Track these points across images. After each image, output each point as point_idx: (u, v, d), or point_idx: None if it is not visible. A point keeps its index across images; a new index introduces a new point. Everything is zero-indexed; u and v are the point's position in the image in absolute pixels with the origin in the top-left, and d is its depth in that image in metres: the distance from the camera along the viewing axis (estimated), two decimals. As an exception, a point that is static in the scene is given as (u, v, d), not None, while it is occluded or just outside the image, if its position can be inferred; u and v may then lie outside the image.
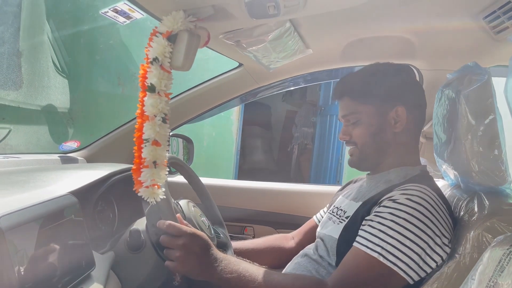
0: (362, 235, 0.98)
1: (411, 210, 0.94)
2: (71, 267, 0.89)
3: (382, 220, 0.96)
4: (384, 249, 0.92)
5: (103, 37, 3.78)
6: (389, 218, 0.95)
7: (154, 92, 0.86)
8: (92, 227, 1.20)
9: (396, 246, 0.92)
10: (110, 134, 1.76)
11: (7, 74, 2.70)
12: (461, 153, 1.02)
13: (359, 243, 0.97)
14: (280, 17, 0.94)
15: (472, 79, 1.01)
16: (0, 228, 0.72)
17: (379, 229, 0.95)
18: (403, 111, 1.14)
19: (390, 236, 0.92)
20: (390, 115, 1.14)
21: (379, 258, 0.92)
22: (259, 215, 1.88)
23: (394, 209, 0.95)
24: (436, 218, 0.94)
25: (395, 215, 0.94)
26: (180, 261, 0.97)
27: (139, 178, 0.89)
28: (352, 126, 1.16)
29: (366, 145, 1.15)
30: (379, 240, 0.93)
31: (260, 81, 1.71)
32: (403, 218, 0.93)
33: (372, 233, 0.95)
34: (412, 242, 0.91)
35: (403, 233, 0.92)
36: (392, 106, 1.14)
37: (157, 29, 0.87)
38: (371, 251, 0.93)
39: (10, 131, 2.58)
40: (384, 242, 0.92)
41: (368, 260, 0.93)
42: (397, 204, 0.96)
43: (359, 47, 1.42)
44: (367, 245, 0.95)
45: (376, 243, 0.93)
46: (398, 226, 0.93)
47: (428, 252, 0.92)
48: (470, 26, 1.17)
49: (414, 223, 0.92)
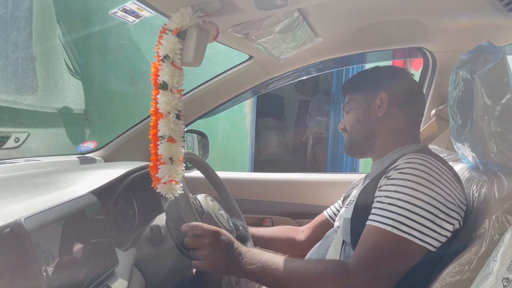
0: (374, 212, 0.99)
1: (417, 178, 0.95)
2: (95, 264, 0.92)
3: (389, 194, 0.97)
4: (396, 221, 0.93)
5: (114, 37, 3.81)
6: (396, 190, 0.96)
7: (166, 89, 0.87)
8: (113, 225, 1.23)
9: (407, 216, 0.93)
10: (126, 132, 1.78)
11: (23, 79, 2.75)
12: (478, 135, 1.01)
13: (372, 220, 0.98)
14: (288, 7, 0.94)
15: (486, 59, 0.99)
16: (26, 230, 0.74)
17: (388, 203, 0.96)
18: (385, 97, 1.20)
19: (400, 207, 0.94)
20: (375, 102, 1.21)
21: (393, 231, 0.92)
22: (276, 206, 1.89)
23: (400, 180, 0.97)
24: (443, 183, 0.95)
25: (401, 185, 0.96)
26: (208, 259, 1.00)
27: (156, 175, 0.90)
28: (346, 115, 1.28)
29: (353, 128, 1.24)
30: (389, 213, 0.94)
31: (271, 72, 1.71)
32: (410, 188, 0.94)
33: (382, 208, 0.96)
34: (422, 209, 0.92)
35: (412, 201, 0.93)
36: (377, 94, 1.21)
37: (166, 26, 0.88)
38: (383, 225, 0.94)
39: (29, 134, 2.63)
40: (395, 214, 0.94)
41: (382, 234, 0.94)
42: (402, 175, 0.97)
43: (370, 33, 1.40)
44: (379, 220, 0.96)
45: (388, 217, 0.94)
46: (406, 196, 0.94)
47: (442, 217, 0.93)
48: (482, 4, 1.15)
49: (421, 190, 0.93)
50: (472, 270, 0.89)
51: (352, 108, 1.26)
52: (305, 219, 1.85)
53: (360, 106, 1.24)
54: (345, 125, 1.28)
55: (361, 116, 1.24)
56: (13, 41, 2.65)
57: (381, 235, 0.94)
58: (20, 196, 0.91)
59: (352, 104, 1.26)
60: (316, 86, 6.67)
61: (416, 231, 0.92)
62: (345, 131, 1.29)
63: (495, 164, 1.00)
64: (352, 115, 1.25)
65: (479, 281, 0.72)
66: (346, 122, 1.27)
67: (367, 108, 1.23)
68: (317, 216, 1.53)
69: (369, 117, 1.22)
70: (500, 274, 0.67)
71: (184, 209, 1.07)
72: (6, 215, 0.77)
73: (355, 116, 1.24)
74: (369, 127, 1.23)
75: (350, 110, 1.26)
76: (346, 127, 1.28)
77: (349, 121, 1.26)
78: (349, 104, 1.27)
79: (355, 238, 1.03)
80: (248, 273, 0.99)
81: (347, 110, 1.28)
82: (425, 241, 0.92)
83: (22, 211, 0.79)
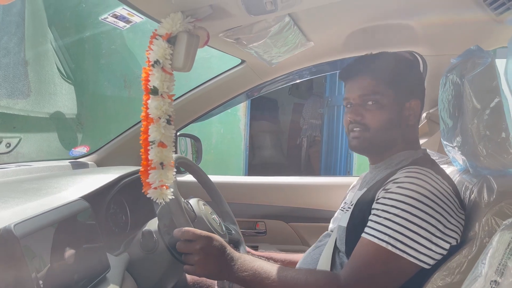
0: (370, 225, 0.97)
1: (415, 194, 0.93)
2: (86, 270, 0.91)
3: (387, 208, 0.95)
4: (392, 237, 0.92)
5: (107, 41, 3.81)
6: (394, 205, 0.94)
7: (157, 94, 0.87)
8: (106, 230, 1.23)
9: (403, 233, 0.91)
10: (119, 137, 1.78)
11: (15, 84, 2.74)
12: (468, 138, 1.02)
13: (367, 233, 0.96)
14: (278, 12, 0.95)
15: (475, 63, 1.01)
16: (15, 236, 0.73)
17: (384, 217, 0.94)
18: (417, 105, 1.13)
19: (397, 223, 0.92)
20: (406, 106, 1.12)
21: (388, 247, 0.91)
22: (270, 210, 1.89)
23: (398, 195, 0.95)
24: (442, 200, 0.93)
25: (399, 201, 0.94)
26: (200, 264, 0.99)
27: (147, 180, 0.90)
28: (369, 107, 1.10)
29: (381, 130, 1.10)
30: (385, 229, 0.93)
31: (264, 76, 1.71)
32: (408, 204, 0.92)
33: (379, 222, 0.95)
34: (419, 227, 0.91)
35: (409, 218, 0.91)
36: (409, 97, 1.12)
37: (156, 31, 0.88)
38: (378, 240, 0.93)
39: (20, 139, 2.62)
40: (391, 230, 0.92)
41: (376, 250, 0.93)
42: (401, 189, 0.95)
43: (361, 37, 1.41)
44: (374, 234, 0.94)
45: (383, 232, 0.93)
46: (403, 212, 0.92)
47: (439, 235, 0.91)
48: (471, 9, 1.16)
49: (419, 207, 0.92)
50: (462, 273, 0.90)
51: (381, 104, 1.09)
52: (298, 222, 1.86)
53: (392, 105, 1.10)
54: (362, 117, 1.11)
55: (393, 119, 1.10)
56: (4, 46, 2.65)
57: (375, 250, 0.93)
58: (10, 202, 0.90)
59: (383, 99, 1.09)
60: (310, 89, 6.69)
61: (411, 248, 0.91)
62: (360, 125, 1.12)
63: (484, 167, 1.01)
64: (382, 114, 1.09)
65: (468, 283, 0.72)
66: (371, 118, 1.10)
67: (398, 111, 1.11)
68: (310, 219, 1.52)
69: (399, 122, 1.12)
70: (489, 276, 0.68)
71: (175, 214, 1.07)
72: (-5, 221, 0.76)
73: (386, 116, 1.09)
74: (396, 134, 1.12)
75: (377, 106, 1.10)
76: (364, 122, 1.11)
77: (377, 119, 1.10)
78: (376, 98, 1.09)
79: (350, 248, 1.02)
80: (240, 279, 0.99)
81: (371, 102, 1.10)
82: (419, 259, 0.91)
83: (12, 217, 0.79)
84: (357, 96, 1.12)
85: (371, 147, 1.14)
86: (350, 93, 1.14)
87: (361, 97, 1.11)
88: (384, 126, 1.10)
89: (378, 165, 1.17)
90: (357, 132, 1.13)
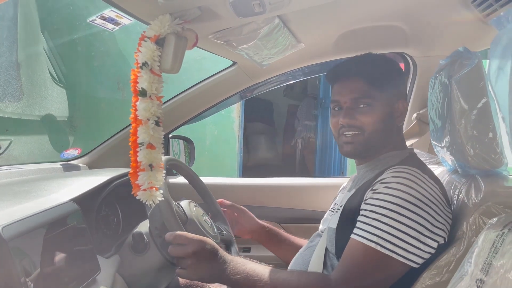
0: (358, 226, 0.98)
1: (403, 194, 0.93)
2: (76, 273, 0.91)
3: (375, 208, 0.96)
4: (380, 238, 0.92)
5: (100, 44, 3.80)
6: (381, 205, 0.95)
7: (145, 96, 0.87)
8: (97, 232, 1.22)
9: (391, 233, 0.92)
10: (110, 139, 1.77)
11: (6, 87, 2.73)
12: (456, 138, 1.03)
13: (356, 235, 0.97)
14: (267, 14, 0.95)
15: (462, 64, 1.01)
16: (3, 238, 0.73)
17: (372, 218, 0.95)
18: (405, 106, 1.15)
19: (385, 224, 0.93)
20: (395, 107, 1.13)
21: (377, 248, 0.92)
22: (262, 211, 1.88)
23: (386, 195, 0.95)
24: (428, 199, 0.94)
25: (387, 201, 0.94)
26: (192, 268, 1.00)
27: (136, 182, 0.90)
28: (361, 110, 1.09)
29: (375, 132, 1.09)
30: (374, 229, 0.93)
31: (255, 78, 1.71)
32: (396, 204, 0.93)
33: (367, 223, 0.95)
34: (407, 226, 0.91)
35: (397, 218, 0.92)
36: (398, 98, 1.13)
37: (145, 33, 0.88)
38: (367, 241, 0.93)
39: (11, 142, 2.61)
40: (379, 230, 0.93)
41: (366, 250, 0.93)
42: (388, 189, 0.96)
43: (351, 39, 1.42)
44: (363, 235, 0.95)
45: (372, 232, 0.93)
46: (391, 212, 0.93)
47: (427, 234, 0.92)
48: (459, 10, 1.18)
49: (406, 207, 0.92)
50: (450, 272, 0.91)
51: (373, 107, 1.09)
52: (292, 223, 1.86)
53: (384, 108, 1.10)
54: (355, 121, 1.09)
55: (386, 121, 1.10)
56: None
57: (365, 251, 0.94)
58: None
59: (375, 102, 1.09)
60: (304, 90, 6.71)
61: (400, 248, 0.91)
62: (354, 128, 1.10)
63: (472, 167, 1.02)
64: (376, 117, 1.09)
65: (454, 282, 0.73)
66: (364, 122, 1.09)
67: (390, 112, 1.11)
68: (304, 220, 1.53)
69: (391, 124, 1.12)
70: (474, 275, 0.69)
71: (167, 216, 1.07)
72: (-16, 224, 0.76)
73: (380, 118, 1.09)
74: (389, 135, 1.13)
75: (370, 108, 1.09)
76: (357, 125, 1.09)
77: (371, 122, 1.09)
78: (368, 100, 1.09)
79: (340, 250, 1.03)
80: (232, 282, 0.99)
81: (363, 105, 1.09)
82: (408, 259, 0.92)
83: (1, 219, 0.78)
84: (348, 99, 1.10)
85: (364, 151, 1.13)
86: (340, 96, 1.13)
87: (353, 100, 1.10)
88: (378, 128, 1.09)
89: (365, 165, 1.17)
90: (350, 137, 1.11)
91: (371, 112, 1.09)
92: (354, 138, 1.11)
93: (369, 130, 1.09)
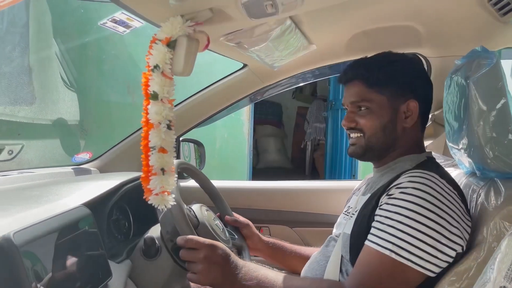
0: (373, 232, 0.95)
1: (420, 200, 0.90)
2: (88, 278, 0.90)
3: (390, 215, 0.93)
4: (396, 245, 0.89)
5: (110, 47, 3.82)
6: (397, 211, 0.91)
7: (157, 99, 0.86)
8: (108, 237, 1.22)
9: (407, 240, 0.88)
10: (121, 143, 1.77)
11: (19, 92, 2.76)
12: (474, 140, 1.00)
13: (370, 241, 0.94)
14: (279, 15, 0.93)
15: (480, 64, 0.99)
16: (14, 245, 0.72)
17: (388, 224, 0.92)
18: (415, 106, 1.10)
19: (400, 231, 0.89)
20: (401, 108, 1.10)
21: (391, 255, 0.89)
22: (274, 214, 1.87)
23: (402, 201, 0.92)
24: (447, 205, 0.91)
25: (403, 207, 0.91)
26: (203, 273, 0.98)
27: (148, 186, 0.89)
28: (361, 113, 1.10)
29: (374, 136, 1.09)
30: (389, 236, 0.90)
31: (266, 80, 1.70)
32: (412, 210, 0.90)
33: (382, 229, 0.92)
34: (424, 234, 0.88)
35: (413, 225, 0.89)
36: (405, 99, 1.10)
37: (156, 36, 0.87)
38: (382, 248, 0.90)
39: (23, 146, 2.63)
40: (395, 238, 0.89)
41: (380, 258, 0.90)
42: (404, 195, 0.93)
43: (364, 39, 1.40)
44: (377, 242, 0.92)
45: (387, 240, 0.90)
46: (407, 219, 0.90)
47: (444, 242, 0.88)
48: (475, 9, 1.15)
49: (423, 213, 0.89)
50: (470, 278, 0.88)
51: (372, 110, 1.09)
52: (303, 227, 1.84)
53: (384, 111, 1.09)
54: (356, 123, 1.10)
55: (386, 124, 1.09)
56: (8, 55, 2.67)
57: (379, 259, 0.91)
58: (11, 209, 0.90)
59: (373, 105, 1.08)
60: (314, 92, 6.70)
61: (416, 256, 0.88)
62: (356, 130, 1.11)
63: (491, 170, 0.99)
64: (374, 120, 1.09)
65: (477, 289, 0.70)
66: (364, 125, 1.10)
67: (393, 114, 1.09)
68: (315, 224, 1.51)
69: (395, 126, 1.10)
70: (497, 282, 0.66)
71: (178, 220, 1.06)
72: (-5, 229, 0.75)
73: (378, 122, 1.09)
74: (393, 137, 1.10)
75: (369, 112, 1.09)
76: (359, 127, 1.10)
77: (370, 126, 1.09)
78: (366, 104, 1.09)
79: (354, 256, 1.00)
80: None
81: (362, 109, 1.10)
82: (424, 267, 0.88)
83: (12, 225, 0.78)
84: (349, 103, 1.12)
85: (366, 153, 1.13)
86: (344, 99, 1.15)
87: (353, 103, 1.11)
88: (378, 131, 1.09)
89: (380, 168, 1.15)
90: (354, 139, 1.13)
91: (369, 115, 1.09)
92: (356, 140, 1.12)
93: (368, 133, 1.10)
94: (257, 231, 1.43)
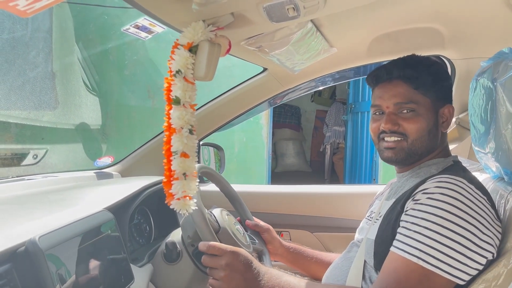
0: (399, 239, 0.92)
1: (448, 206, 0.87)
2: (110, 282, 0.91)
3: (417, 220, 0.90)
4: (423, 252, 0.86)
5: (131, 53, 3.88)
6: (424, 217, 0.89)
7: (179, 104, 0.86)
8: (130, 241, 1.23)
9: (435, 247, 0.85)
10: (143, 147, 1.79)
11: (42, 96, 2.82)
12: (502, 144, 0.97)
13: (396, 248, 0.91)
14: (300, 18, 0.93)
15: (508, 66, 0.96)
16: (40, 248, 0.73)
17: (414, 231, 0.89)
18: (451, 111, 1.09)
19: (428, 237, 0.86)
20: (440, 112, 1.08)
21: (419, 263, 0.86)
22: (294, 219, 1.86)
23: (429, 206, 0.89)
24: (476, 211, 0.87)
25: (430, 213, 0.88)
26: (225, 280, 0.98)
27: (170, 191, 0.89)
28: (405, 116, 1.05)
29: (420, 140, 1.05)
30: (416, 243, 0.88)
31: (286, 84, 1.70)
32: (439, 216, 0.87)
33: (408, 236, 0.90)
34: (452, 240, 0.85)
35: (441, 232, 0.86)
36: (444, 103, 1.08)
37: (178, 41, 0.88)
38: (409, 255, 0.88)
39: (47, 151, 2.69)
40: (422, 244, 0.87)
41: (407, 265, 0.88)
42: (432, 201, 0.90)
43: (385, 42, 1.38)
44: (404, 249, 0.89)
45: (414, 246, 0.88)
46: (435, 225, 0.87)
47: (474, 249, 0.85)
48: (501, 9, 1.12)
49: (451, 220, 0.86)
50: (499, 286, 0.84)
51: (418, 113, 1.04)
52: (323, 232, 1.82)
53: (430, 115, 1.06)
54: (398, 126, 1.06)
55: (432, 128, 1.06)
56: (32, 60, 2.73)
57: (406, 266, 0.88)
58: (36, 213, 0.91)
59: (420, 108, 1.04)
60: (333, 96, 6.65)
61: (445, 264, 0.85)
62: (397, 134, 1.06)
63: (520, 175, 0.96)
64: (421, 124, 1.04)
65: (508, 299, 0.68)
66: (409, 128, 1.05)
67: (435, 119, 1.06)
68: (336, 229, 1.49)
69: (436, 131, 1.07)
70: (530, 292, 0.64)
71: (199, 225, 1.06)
72: (21, 233, 0.77)
73: (426, 125, 1.05)
74: (434, 143, 1.07)
75: (415, 115, 1.05)
76: (401, 131, 1.06)
77: (417, 129, 1.04)
78: (412, 106, 1.04)
79: (379, 263, 0.98)
80: None
81: (407, 111, 1.05)
82: (453, 275, 0.85)
83: (37, 229, 0.79)
84: (391, 104, 1.06)
85: (409, 158, 1.08)
86: (382, 101, 1.09)
87: (396, 105, 1.06)
88: (423, 135, 1.05)
89: (405, 173, 1.12)
90: (392, 143, 1.07)
91: (415, 118, 1.04)
92: (397, 144, 1.07)
93: (412, 137, 1.05)
94: (277, 236, 1.41)
